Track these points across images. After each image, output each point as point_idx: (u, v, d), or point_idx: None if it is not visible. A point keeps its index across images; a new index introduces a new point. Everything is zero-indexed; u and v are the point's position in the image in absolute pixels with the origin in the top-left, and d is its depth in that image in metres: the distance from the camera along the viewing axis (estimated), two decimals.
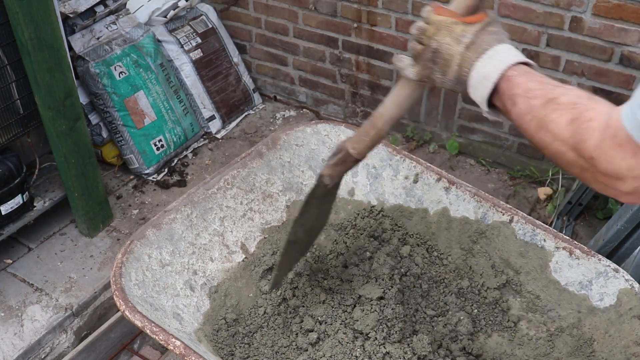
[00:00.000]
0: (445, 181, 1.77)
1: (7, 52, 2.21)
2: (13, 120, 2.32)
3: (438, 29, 1.15)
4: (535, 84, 1.01)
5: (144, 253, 1.51)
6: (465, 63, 1.10)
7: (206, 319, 1.56)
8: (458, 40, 1.12)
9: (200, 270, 1.61)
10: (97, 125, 2.94)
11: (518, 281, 1.67)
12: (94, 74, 2.79)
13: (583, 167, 0.90)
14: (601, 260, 1.55)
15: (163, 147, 3.05)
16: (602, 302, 1.54)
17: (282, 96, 3.61)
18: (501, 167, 3.04)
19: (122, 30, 2.96)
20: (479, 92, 1.09)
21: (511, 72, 1.04)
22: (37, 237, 2.65)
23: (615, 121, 0.84)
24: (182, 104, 3.16)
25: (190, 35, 3.28)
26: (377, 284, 1.64)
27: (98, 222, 2.67)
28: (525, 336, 1.62)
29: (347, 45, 3.16)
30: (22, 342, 2.24)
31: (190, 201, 1.66)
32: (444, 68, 1.14)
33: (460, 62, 1.11)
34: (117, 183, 3.01)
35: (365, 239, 1.80)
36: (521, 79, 1.02)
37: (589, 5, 2.45)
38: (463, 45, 1.11)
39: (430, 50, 1.15)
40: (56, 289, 2.43)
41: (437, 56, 1.14)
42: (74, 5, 2.77)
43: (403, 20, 2.92)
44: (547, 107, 0.96)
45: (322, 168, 1.46)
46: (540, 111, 0.97)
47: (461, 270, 1.74)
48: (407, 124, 3.23)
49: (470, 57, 1.10)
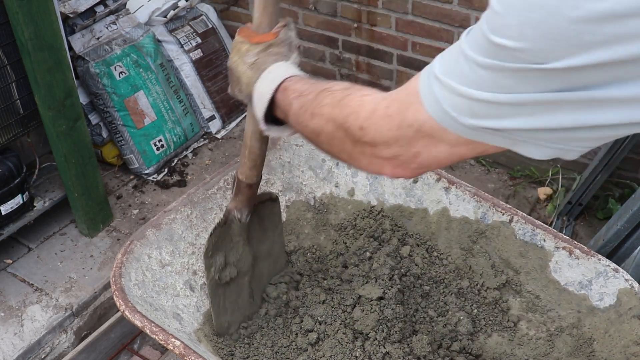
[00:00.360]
0: (445, 181, 1.77)
1: (7, 52, 2.21)
2: (13, 120, 2.32)
3: (233, 48, 1.22)
4: (308, 85, 1.04)
5: (143, 253, 1.52)
6: (251, 82, 1.16)
7: (206, 319, 1.56)
8: (243, 61, 1.18)
9: (200, 271, 1.61)
10: (97, 125, 2.94)
11: (518, 281, 1.67)
12: (94, 74, 2.79)
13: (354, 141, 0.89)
14: (601, 260, 1.55)
15: (163, 147, 3.05)
16: (602, 302, 1.54)
17: None
18: (501, 167, 3.04)
19: (122, 30, 2.96)
20: (258, 110, 1.13)
21: (285, 84, 1.08)
22: (37, 237, 2.65)
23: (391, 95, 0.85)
24: (182, 104, 3.16)
25: (190, 35, 3.28)
26: (377, 284, 1.64)
27: (98, 222, 2.67)
28: (525, 336, 1.62)
29: (347, 45, 3.17)
30: (22, 342, 2.24)
31: (190, 201, 1.66)
32: (239, 86, 1.21)
33: (247, 82, 1.17)
34: (117, 183, 3.01)
35: (365, 239, 1.80)
36: (296, 86, 1.06)
37: None
38: (246, 65, 1.17)
39: (229, 68, 1.23)
40: (56, 289, 2.43)
41: (232, 74, 1.22)
42: (74, 5, 2.77)
43: (403, 20, 2.92)
44: (320, 95, 0.98)
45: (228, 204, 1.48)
46: (313, 102, 0.99)
47: (461, 270, 1.74)
48: None
49: (252, 77, 1.15)
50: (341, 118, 0.91)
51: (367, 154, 0.88)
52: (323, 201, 1.86)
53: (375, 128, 0.85)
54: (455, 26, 2.80)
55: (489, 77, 0.67)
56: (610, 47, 0.57)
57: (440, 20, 2.82)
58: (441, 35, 2.86)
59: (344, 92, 0.94)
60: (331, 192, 1.88)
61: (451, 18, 2.78)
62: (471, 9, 2.71)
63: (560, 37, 0.59)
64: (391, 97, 0.85)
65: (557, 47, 0.60)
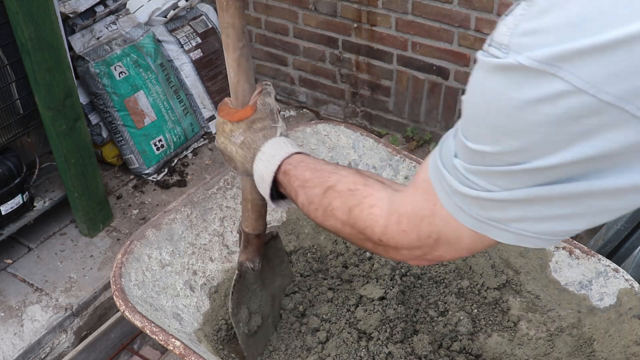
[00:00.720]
0: None
1: (7, 52, 2.21)
2: (13, 120, 2.32)
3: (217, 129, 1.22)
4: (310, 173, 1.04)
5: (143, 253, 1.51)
6: (245, 162, 1.16)
7: (206, 319, 1.56)
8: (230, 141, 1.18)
9: (200, 271, 1.61)
10: (97, 125, 2.94)
11: (518, 281, 1.67)
12: (94, 74, 2.79)
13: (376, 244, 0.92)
14: (601, 260, 1.55)
15: (163, 147, 3.05)
16: (602, 302, 1.54)
17: (282, 96, 3.61)
18: None
19: (122, 30, 2.96)
20: (262, 190, 1.14)
21: (286, 166, 1.09)
22: (37, 237, 2.65)
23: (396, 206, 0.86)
24: (182, 104, 3.16)
25: (190, 35, 3.28)
26: (379, 284, 1.64)
27: (98, 222, 2.67)
28: (525, 336, 1.62)
29: (347, 45, 3.16)
30: (22, 342, 2.24)
31: (190, 201, 1.66)
32: (231, 163, 1.21)
33: (242, 160, 1.17)
34: (117, 183, 3.01)
35: None
36: (297, 171, 1.06)
37: None
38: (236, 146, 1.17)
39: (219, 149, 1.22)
40: (56, 289, 2.43)
41: (223, 154, 1.22)
42: (74, 5, 2.77)
43: (403, 20, 2.92)
44: (327, 195, 0.99)
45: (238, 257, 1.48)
46: (322, 200, 1.00)
47: (461, 270, 1.74)
48: (407, 124, 3.23)
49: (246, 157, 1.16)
50: (358, 227, 0.93)
51: (391, 253, 0.91)
52: None
53: (394, 241, 0.87)
54: (455, 26, 2.80)
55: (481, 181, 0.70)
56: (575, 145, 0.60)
57: (440, 20, 2.82)
58: (441, 35, 2.86)
59: (351, 198, 0.95)
60: None
61: (451, 18, 2.78)
62: (471, 9, 2.71)
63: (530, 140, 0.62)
64: (397, 211, 0.86)
65: (531, 148, 0.63)
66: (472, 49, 2.81)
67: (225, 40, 1.16)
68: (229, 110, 1.20)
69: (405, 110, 3.20)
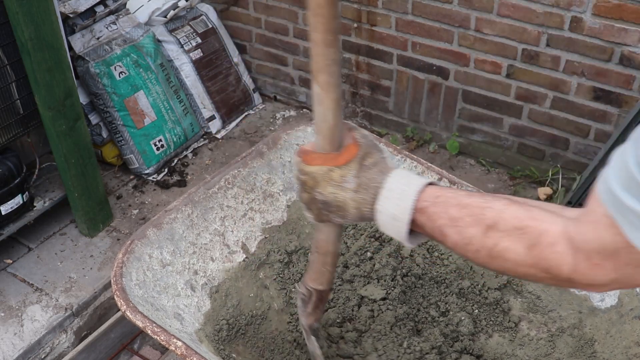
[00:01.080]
0: (446, 181, 1.76)
1: (7, 52, 2.21)
2: (13, 120, 2.32)
3: (316, 181, 1.06)
4: (457, 210, 0.95)
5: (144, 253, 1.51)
6: (362, 206, 1.04)
7: (207, 319, 1.56)
8: (342, 187, 1.04)
9: (201, 270, 1.61)
10: (97, 125, 2.94)
11: (519, 281, 1.67)
12: (94, 74, 2.79)
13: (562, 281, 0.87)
14: None
15: (163, 147, 3.04)
16: (603, 302, 1.54)
17: (282, 96, 3.61)
18: (501, 167, 3.04)
19: (122, 30, 2.96)
20: (393, 232, 1.03)
21: (422, 204, 0.98)
22: (37, 237, 2.65)
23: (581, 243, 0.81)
24: (182, 104, 3.16)
25: (190, 35, 3.28)
26: (380, 284, 1.64)
27: (98, 222, 2.67)
28: (526, 336, 1.62)
29: (347, 45, 3.16)
30: (22, 342, 2.24)
31: (190, 201, 1.65)
32: (341, 212, 1.07)
33: (357, 206, 1.04)
34: (117, 183, 3.01)
35: (366, 239, 1.80)
36: (438, 208, 0.97)
37: (589, 5, 2.45)
38: (350, 191, 1.04)
39: (319, 201, 1.07)
40: (56, 289, 2.43)
41: (329, 205, 1.07)
42: (74, 5, 2.77)
43: (403, 20, 2.92)
44: (489, 235, 0.91)
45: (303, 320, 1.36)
46: (484, 241, 0.91)
47: (462, 271, 1.74)
48: (407, 124, 3.23)
49: (364, 199, 1.03)
50: (540, 267, 0.87)
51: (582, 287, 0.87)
52: None
53: (587, 278, 0.82)
54: (455, 26, 2.80)
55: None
56: None
57: (440, 20, 2.82)
58: (441, 35, 2.86)
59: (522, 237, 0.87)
60: None
61: (451, 18, 2.78)
62: (471, 9, 2.71)
63: None
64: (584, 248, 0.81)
65: None
66: (472, 49, 2.81)
67: (327, 80, 1.02)
68: (325, 156, 1.06)
69: (405, 110, 3.20)
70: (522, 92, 2.81)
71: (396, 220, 1.00)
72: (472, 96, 2.95)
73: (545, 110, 2.79)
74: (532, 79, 2.74)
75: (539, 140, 2.88)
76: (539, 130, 2.86)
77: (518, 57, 2.72)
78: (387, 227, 1.03)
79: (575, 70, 2.62)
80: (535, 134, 2.88)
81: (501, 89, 2.85)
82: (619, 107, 2.61)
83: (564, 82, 2.68)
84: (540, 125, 2.85)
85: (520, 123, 2.89)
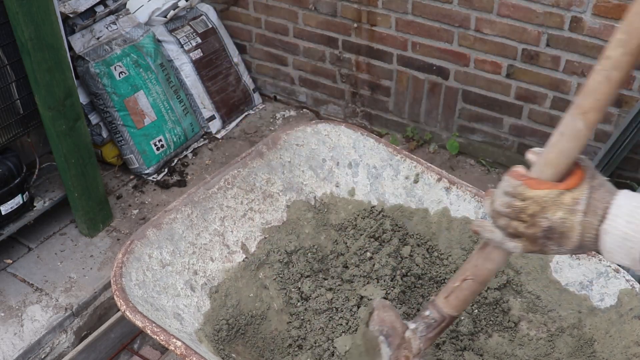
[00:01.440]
0: (446, 181, 1.76)
1: (7, 52, 2.21)
2: (13, 120, 2.32)
3: (543, 206, 1.02)
4: None
5: (144, 253, 1.51)
6: (587, 230, 1.00)
7: (207, 319, 1.56)
8: (572, 211, 1.01)
9: (200, 270, 1.61)
10: (97, 125, 2.94)
11: (518, 281, 1.67)
12: (94, 74, 2.79)
13: None
14: (602, 260, 1.55)
15: (163, 147, 3.04)
16: (603, 302, 1.54)
17: (282, 96, 3.61)
18: (501, 167, 3.04)
19: (122, 30, 2.96)
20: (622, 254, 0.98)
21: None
22: (37, 237, 2.65)
23: None
24: (182, 104, 3.16)
25: (190, 35, 3.28)
26: (380, 284, 1.64)
27: (98, 222, 2.67)
28: (526, 336, 1.62)
29: (347, 45, 3.16)
30: (22, 342, 2.24)
31: (190, 201, 1.66)
32: (561, 241, 1.03)
33: (582, 231, 1.01)
34: (117, 183, 3.01)
35: (366, 239, 1.80)
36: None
37: (589, 5, 2.45)
38: (580, 215, 1.00)
39: (542, 229, 1.03)
40: (56, 289, 2.43)
41: (552, 232, 1.03)
42: (74, 5, 2.77)
43: (403, 20, 2.92)
44: None
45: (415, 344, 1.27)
46: None
47: None
48: (407, 124, 3.23)
49: (591, 223, 1.00)
50: None
51: None
52: (324, 201, 1.86)
53: None
54: (455, 26, 2.80)
55: None
56: None
57: (440, 20, 2.82)
58: (441, 35, 2.86)
59: None
60: (332, 192, 1.87)
61: (451, 18, 2.78)
62: (471, 9, 2.71)
63: None
64: None
65: None
66: (472, 49, 2.81)
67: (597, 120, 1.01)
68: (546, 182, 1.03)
69: (405, 110, 3.20)
70: (522, 92, 2.81)
71: (627, 240, 0.96)
72: (472, 96, 2.95)
73: (545, 110, 2.79)
74: (532, 79, 2.75)
75: (539, 140, 2.87)
76: (539, 130, 2.86)
77: (518, 57, 2.72)
78: (614, 250, 0.98)
79: (575, 70, 2.62)
80: (535, 134, 2.88)
81: (501, 89, 2.85)
82: (619, 107, 2.61)
83: (564, 82, 2.68)
84: (540, 125, 2.85)
85: (520, 123, 2.89)
